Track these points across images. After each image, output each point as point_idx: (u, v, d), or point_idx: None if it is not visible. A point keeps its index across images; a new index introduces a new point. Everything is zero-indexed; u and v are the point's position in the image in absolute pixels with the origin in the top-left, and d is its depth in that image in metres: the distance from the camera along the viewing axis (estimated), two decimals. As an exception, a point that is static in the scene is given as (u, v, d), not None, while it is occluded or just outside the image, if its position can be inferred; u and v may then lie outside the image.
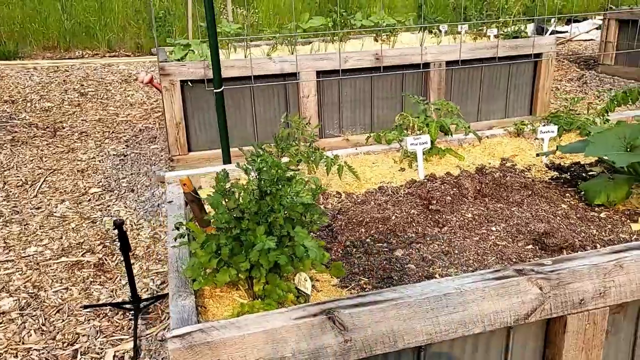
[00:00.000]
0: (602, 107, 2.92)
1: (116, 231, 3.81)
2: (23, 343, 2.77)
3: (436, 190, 2.11)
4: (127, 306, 2.99)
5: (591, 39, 10.61)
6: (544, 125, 2.59)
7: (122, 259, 3.51)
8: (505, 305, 1.44)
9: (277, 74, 4.29)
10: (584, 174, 2.34)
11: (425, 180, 2.23)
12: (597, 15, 11.83)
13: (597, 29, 10.83)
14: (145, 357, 2.65)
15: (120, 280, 3.31)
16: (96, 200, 4.27)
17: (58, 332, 2.85)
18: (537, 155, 2.45)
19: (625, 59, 7.45)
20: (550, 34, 7.17)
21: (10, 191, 4.46)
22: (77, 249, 3.62)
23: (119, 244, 3.50)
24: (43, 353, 2.72)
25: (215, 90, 2.48)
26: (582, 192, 2.08)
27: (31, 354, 2.70)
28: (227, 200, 1.41)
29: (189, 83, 4.14)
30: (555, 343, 1.58)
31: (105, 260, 3.50)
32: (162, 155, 5.00)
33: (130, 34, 10.15)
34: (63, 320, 2.95)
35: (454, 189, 2.12)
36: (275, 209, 1.35)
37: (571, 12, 11.32)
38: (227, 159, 2.65)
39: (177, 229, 1.55)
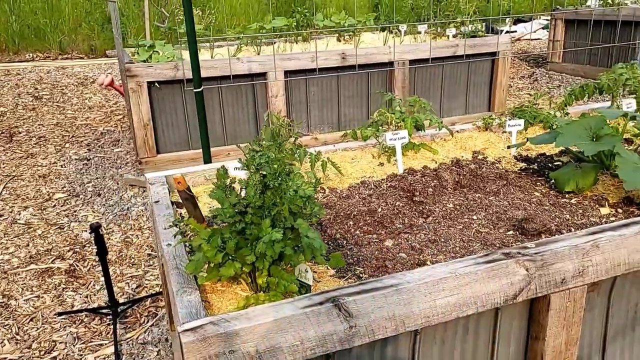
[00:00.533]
0: (562, 101, 3.10)
1: (86, 236, 3.75)
2: (-2, 353, 2.69)
3: (417, 182, 2.19)
4: (105, 311, 2.94)
5: (538, 38, 11.09)
6: (510, 119, 2.73)
7: (94, 264, 3.45)
8: (496, 286, 1.53)
9: (245, 74, 4.30)
10: (550, 164, 2.49)
11: (406, 174, 2.32)
12: (542, 15, 12.39)
13: (543, 28, 11.34)
14: (127, 361, 2.63)
15: (94, 285, 3.25)
16: (61, 206, 4.16)
17: (33, 341, 2.78)
18: (508, 147, 2.58)
19: (571, 57, 7.84)
20: (505, 33, 7.45)
21: (-32, 199, 4.29)
22: (45, 255, 3.53)
23: (95, 248, 3.44)
24: (19, 363, 2.65)
25: (195, 90, 2.49)
26: (552, 181, 2.21)
27: (8, 364, 2.62)
28: (228, 195, 1.43)
29: (157, 84, 4.09)
30: (539, 321, 1.69)
31: (77, 266, 3.43)
32: (127, 159, 4.91)
33: (83, 35, 9.88)
34: (37, 329, 2.88)
35: (434, 181, 2.21)
36: (277, 203, 1.39)
37: (519, 13, 11.80)
38: (207, 158, 2.65)
39: (176, 226, 1.56)
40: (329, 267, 1.69)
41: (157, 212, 1.99)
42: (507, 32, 7.38)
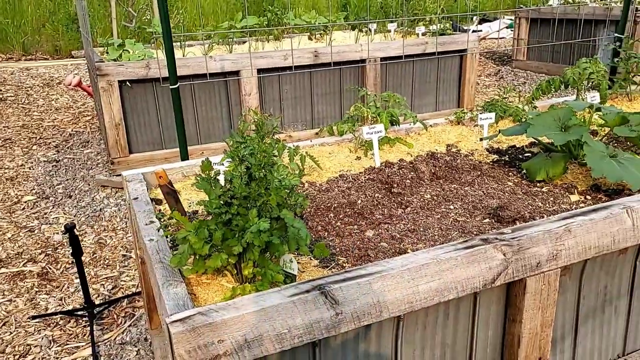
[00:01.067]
0: (530, 95, 3.20)
1: (58, 238, 3.67)
2: (-30, 359, 2.62)
3: (395, 175, 2.24)
4: (80, 313, 2.90)
5: (502, 37, 11.35)
6: (482, 113, 2.80)
7: (67, 266, 3.38)
8: (476, 271, 1.58)
9: (218, 73, 4.29)
10: (520, 156, 2.57)
11: (383, 167, 2.36)
12: (506, 15, 12.68)
13: (507, 27, 11.61)
14: (106, 362, 2.60)
15: (67, 288, 3.20)
16: (31, 209, 4.07)
17: (7, 345, 2.72)
18: (481, 139, 2.65)
19: (535, 55, 8.06)
20: (472, 32, 7.61)
21: None
22: (16, 259, 3.44)
23: (69, 249, 3.37)
24: (-7, 368, 2.59)
25: (171, 87, 2.48)
26: (524, 171, 2.28)
27: (-19, 370, 2.56)
28: (213, 187, 1.44)
29: (128, 83, 4.04)
30: (516, 304, 1.75)
31: (49, 268, 3.36)
32: (98, 160, 4.82)
33: (46, 36, 9.65)
34: (11, 333, 2.81)
35: (412, 173, 2.26)
36: (263, 194, 1.41)
37: (484, 12, 12.05)
38: (184, 156, 2.64)
39: (159, 219, 1.56)
40: (312, 258, 1.71)
41: (137, 209, 1.98)
42: (473, 31, 7.54)
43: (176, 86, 2.46)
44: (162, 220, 1.56)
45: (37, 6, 10.00)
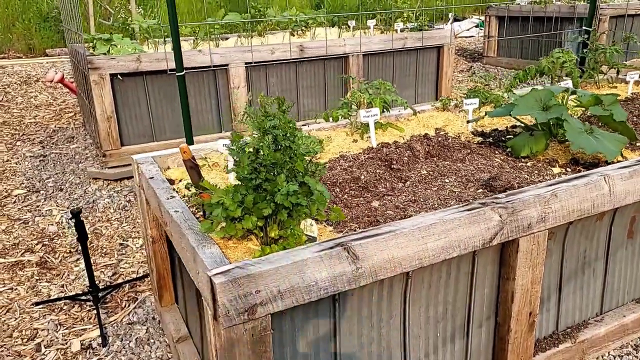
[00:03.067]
0: (508, 84, 3.42)
1: (53, 229, 3.73)
2: (-20, 343, 2.67)
3: (392, 153, 2.41)
4: (85, 297, 2.97)
5: (472, 36, 11.73)
6: (467, 99, 3.01)
7: (65, 255, 3.45)
8: (476, 231, 1.76)
9: (207, 66, 4.39)
10: (503, 137, 2.77)
11: (380, 147, 2.53)
12: (474, 14, 13.07)
13: (476, 26, 12.00)
14: (115, 341, 2.69)
15: (68, 275, 3.26)
16: (22, 202, 4.09)
17: (14, 330, 2.78)
18: (468, 122, 2.84)
19: (505, 51, 8.39)
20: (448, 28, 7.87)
21: None
22: (13, 249, 3.48)
23: (73, 236, 3.45)
24: (2, 351, 2.64)
25: (177, 74, 2.59)
26: (509, 149, 2.49)
27: (-8, 352, 2.62)
28: (242, 155, 1.58)
29: (119, 77, 4.11)
30: (509, 263, 1.94)
31: (48, 258, 3.41)
32: (86, 154, 4.86)
33: (18, 35, 9.51)
34: (16, 319, 2.87)
35: (408, 152, 2.43)
36: (288, 161, 1.55)
37: (454, 11, 12.41)
38: (190, 141, 2.75)
39: (188, 189, 1.69)
40: (326, 225, 1.86)
41: (155, 186, 2.09)
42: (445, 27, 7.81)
43: (182, 73, 2.58)
44: (189, 189, 1.68)
45: (5, 5, 9.86)
